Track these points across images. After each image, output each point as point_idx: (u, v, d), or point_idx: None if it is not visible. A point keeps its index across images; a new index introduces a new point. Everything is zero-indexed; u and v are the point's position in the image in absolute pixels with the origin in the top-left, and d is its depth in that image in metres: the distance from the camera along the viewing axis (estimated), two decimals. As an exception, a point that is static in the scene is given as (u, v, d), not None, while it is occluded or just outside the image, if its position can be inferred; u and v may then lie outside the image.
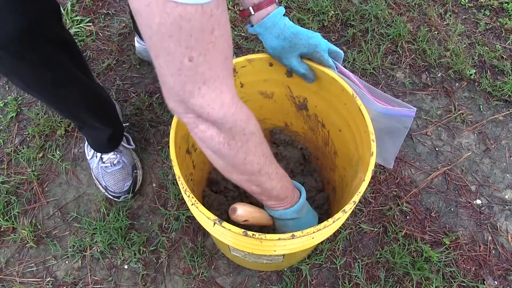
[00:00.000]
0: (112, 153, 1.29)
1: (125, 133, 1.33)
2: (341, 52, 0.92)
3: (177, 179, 0.79)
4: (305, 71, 0.91)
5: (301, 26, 1.57)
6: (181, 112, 0.61)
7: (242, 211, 0.81)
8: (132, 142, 1.35)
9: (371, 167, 0.80)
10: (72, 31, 1.59)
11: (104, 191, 1.30)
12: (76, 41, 1.57)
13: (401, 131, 0.91)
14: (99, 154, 1.29)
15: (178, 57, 0.53)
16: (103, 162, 1.29)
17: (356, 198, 0.77)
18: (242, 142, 0.66)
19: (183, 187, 0.78)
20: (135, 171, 1.31)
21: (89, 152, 1.32)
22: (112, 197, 1.28)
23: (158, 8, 0.49)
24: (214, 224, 0.75)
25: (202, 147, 0.67)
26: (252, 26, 0.89)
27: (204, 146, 0.67)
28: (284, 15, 0.88)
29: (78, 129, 1.32)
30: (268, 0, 0.86)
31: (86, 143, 1.32)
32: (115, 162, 1.28)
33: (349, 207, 0.76)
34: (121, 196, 1.27)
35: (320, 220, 1.15)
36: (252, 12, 0.87)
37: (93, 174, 1.32)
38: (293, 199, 0.83)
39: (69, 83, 1.01)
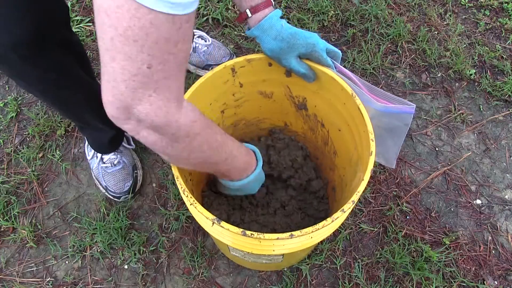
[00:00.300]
0: (112, 153, 1.29)
1: (125, 133, 1.34)
2: (339, 52, 0.92)
3: (176, 179, 0.79)
4: (305, 71, 0.91)
5: (301, 26, 1.58)
6: (122, 119, 0.60)
7: None
8: (132, 142, 1.35)
9: (370, 166, 0.80)
10: (72, 31, 1.60)
11: (104, 191, 1.30)
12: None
13: (401, 129, 0.90)
14: (99, 155, 1.29)
15: (137, 63, 0.53)
16: (104, 163, 1.29)
17: (355, 197, 0.76)
18: (185, 144, 0.68)
19: (182, 187, 0.78)
20: (136, 171, 1.32)
21: (89, 152, 1.32)
22: (112, 197, 1.28)
23: (129, 12, 0.48)
24: (213, 223, 0.75)
25: (146, 145, 0.69)
26: (250, 29, 0.90)
27: (149, 146, 0.68)
28: (281, 17, 0.88)
29: (79, 130, 1.32)
30: (265, 3, 0.87)
31: (86, 143, 1.32)
32: (115, 162, 1.29)
33: (348, 207, 0.76)
34: (121, 196, 1.27)
35: (319, 219, 1.15)
36: (249, 15, 0.87)
37: (93, 174, 1.32)
38: (241, 176, 0.87)
39: (72, 85, 1.01)
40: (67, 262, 1.23)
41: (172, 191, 1.30)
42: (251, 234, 0.72)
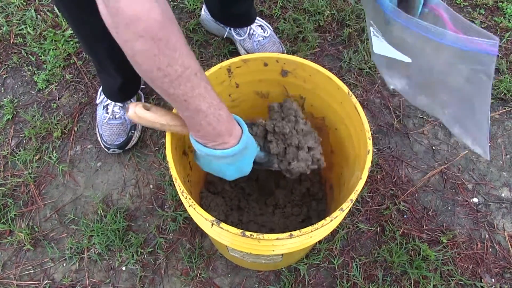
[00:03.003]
0: (118, 106, 1.34)
1: (140, 92, 1.40)
2: None
3: (174, 181, 0.79)
4: None
5: (297, 26, 1.58)
6: None
7: (132, 112, 0.72)
8: (143, 101, 1.41)
9: (368, 165, 0.80)
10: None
11: (99, 138, 1.35)
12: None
13: (484, 85, 0.65)
14: (105, 103, 1.34)
15: None
16: (107, 112, 1.34)
17: (354, 196, 0.77)
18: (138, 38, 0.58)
19: (180, 189, 0.78)
20: (133, 131, 1.35)
21: (99, 96, 1.37)
22: (103, 146, 1.34)
23: None
24: (212, 225, 0.75)
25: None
26: None
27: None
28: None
29: (97, 73, 1.36)
30: None
31: (101, 88, 1.36)
32: (116, 116, 1.34)
33: (346, 205, 0.76)
34: (111, 148, 1.32)
35: (318, 219, 1.15)
36: None
37: (96, 120, 1.38)
38: (218, 141, 0.72)
39: (92, 17, 0.99)
40: (64, 264, 1.22)
41: (169, 192, 1.30)
42: (251, 235, 0.72)
